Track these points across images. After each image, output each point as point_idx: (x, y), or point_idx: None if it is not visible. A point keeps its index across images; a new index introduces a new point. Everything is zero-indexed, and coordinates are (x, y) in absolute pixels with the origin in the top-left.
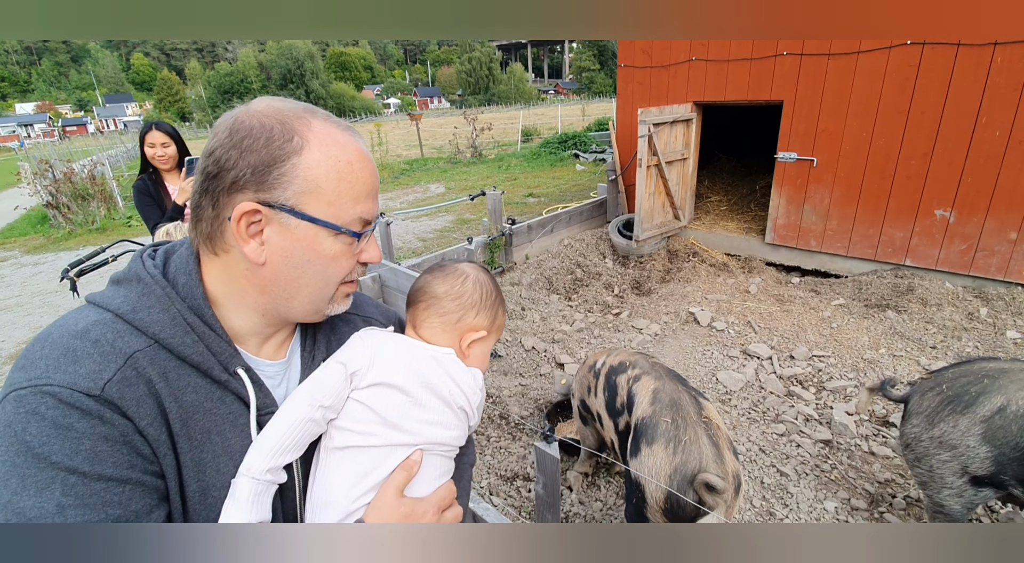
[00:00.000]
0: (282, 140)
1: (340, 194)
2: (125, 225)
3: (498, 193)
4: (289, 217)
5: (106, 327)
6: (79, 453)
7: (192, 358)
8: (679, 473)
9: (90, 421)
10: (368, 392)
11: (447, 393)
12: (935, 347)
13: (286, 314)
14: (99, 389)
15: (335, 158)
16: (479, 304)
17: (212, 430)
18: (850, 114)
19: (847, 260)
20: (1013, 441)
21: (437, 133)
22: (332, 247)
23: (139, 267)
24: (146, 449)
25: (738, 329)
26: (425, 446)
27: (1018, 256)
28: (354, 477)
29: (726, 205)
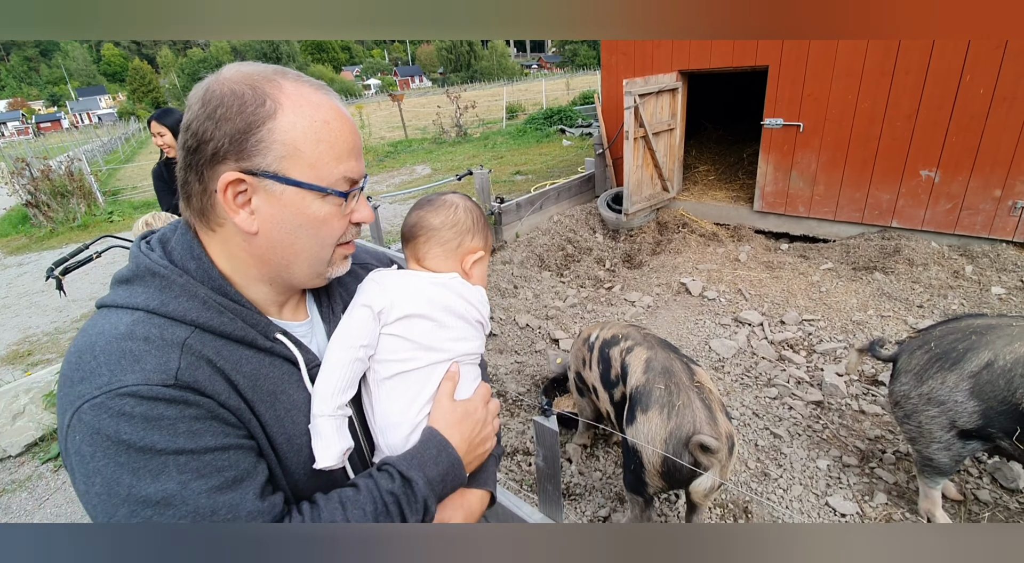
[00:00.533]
0: (255, 105)
1: (320, 155)
2: (107, 220)
3: (485, 172)
4: (273, 183)
5: (147, 324)
6: (179, 436)
7: (235, 334)
8: (674, 437)
9: (177, 407)
10: (398, 325)
11: (464, 311)
12: (922, 306)
13: (289, 280)
14: (173, 378)
15: (310, 118)
16: (473, 228)
17: (276, 391)
18: (835, 77)
19: (835, 224)
20: (1000, 395)
21: (420, 113)
22: (321, 209)
23: (147, 261)
24: (232, 418)
25: (729, 297)
26: (458, 358)
27: (1002, 213)
28: (409, 397)
29: (714, 175)
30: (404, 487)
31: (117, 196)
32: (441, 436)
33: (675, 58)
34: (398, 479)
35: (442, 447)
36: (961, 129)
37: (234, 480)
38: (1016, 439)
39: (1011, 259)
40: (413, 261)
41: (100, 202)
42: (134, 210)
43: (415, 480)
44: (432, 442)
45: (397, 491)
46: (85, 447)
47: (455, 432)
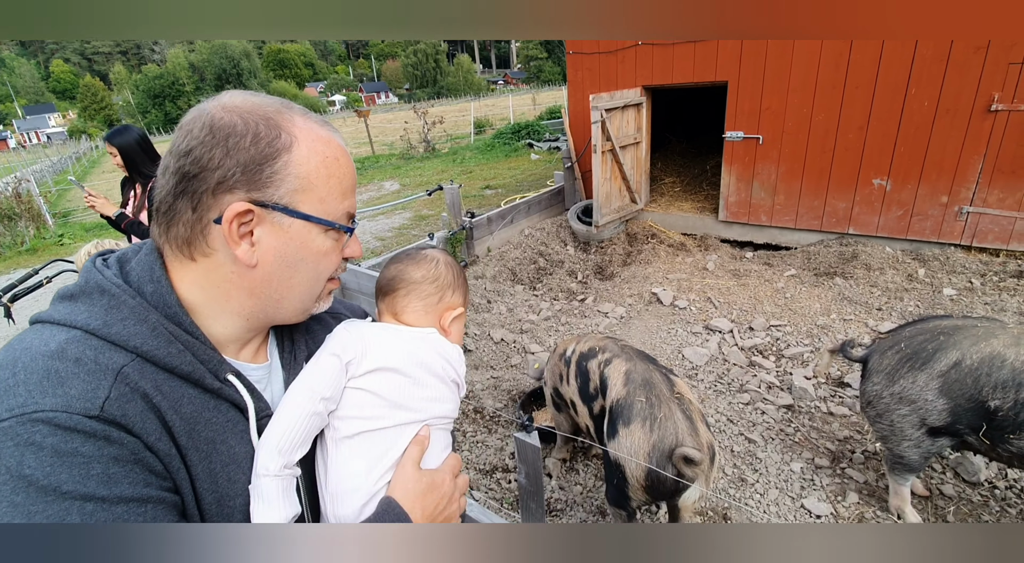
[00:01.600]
0: (270, 137)
1: (330, 190)
2: (57, 244)
3: (455, 187)
4: (282, 216)
5: (82, 344)
6: (91, 478)
7: (181, 368)
8: (657, 450)
9: (96, 443)
10: (368, 379)
11: (440, 369)
12: (881, 309)
13: (274, 316)
14: (98, 409)
15: (322, 155)
16: (454, 283)
17: (216, 440)
18: (791, 92)
19: (795, 232)
20: (968, 393)
21: (387, 129)
22: (324, 244)
23: (98, 277)
24: (158, 465)
25: (699, 306)
26: (430, 421)
27: (950, 218)
28: (372, 460)
29: (680, 186)
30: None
31: (68, 218)
32: (400, 508)
33: (639, 74)
34: None
35: (399, 522)
36: (909, 139)
37: None
38: (983, 435)
39: (960, 262)
40: (389, 315)
41: (50, 224)
42: (86, 232)
43: None
44: (389, 515)
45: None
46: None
47: (417, 506)
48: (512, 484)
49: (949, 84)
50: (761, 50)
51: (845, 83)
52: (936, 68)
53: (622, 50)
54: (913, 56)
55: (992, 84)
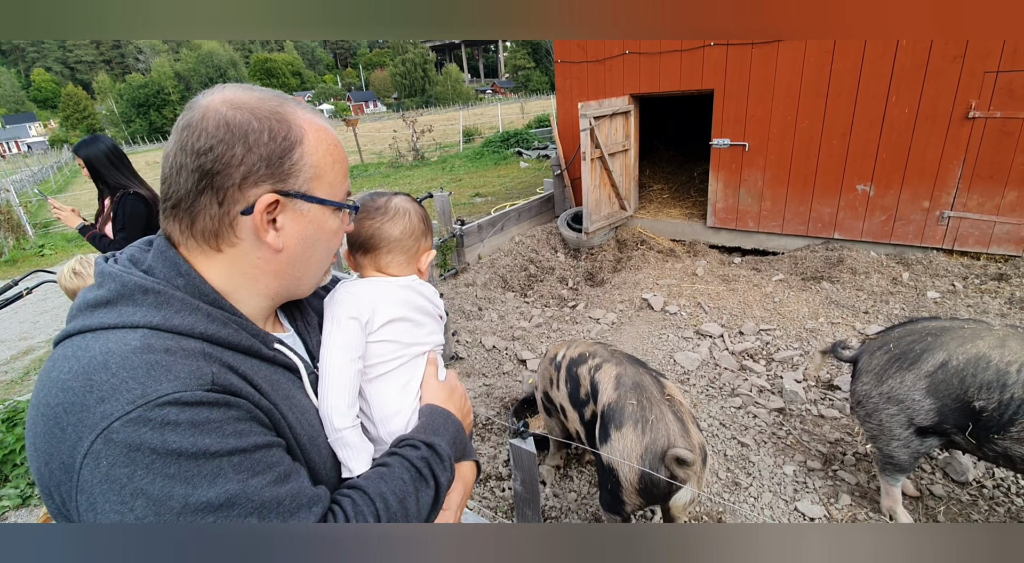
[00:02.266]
0: (284, 132)
1: (336, 174)
2: (37, 254)
3: (445, 194)
4: (302, 202)
5: (159, 337)
6: (228, 437)
7: (241, 344)
8: (650, 452)
9: (221, 410)
10: (384, 331)
11: (431, 309)
12: (867, 312)
13: (294, 292)
14: (209, 383)
15: (327, 143)
16: (425, 230)
17: (290, 395)
18: (775, 99)
19: (782, 237)
20: (954, 393)
21: (375, 138)
22: (334, 223)
23: (134, 279)
24: (266, 419)
25: (690, 311)
26: (433, 347)
27: (931, 223)
28: (403, 386)
29: (668, 193)
30: (430, 452)
31: (48, 228)
32: (442, 407)
33: (627, 82)
34: (423, 447)
35: (446, 416)
36: (890, 146)
37: (286, 474)
38: (969, 435)
39: (942, 265)
40: (372, 269)
41: (30, 235)
42: (67, 242)
43: (437, 444)
44: (437, 413)
45: (427, 456)
46: (119, 470)
47: (449, 404)
48: (506, 492)
49: (928, 92)
50: (746, 59)
51: (828, 91)
52: (915, 76)
53: (610, 59)
54: (893, 64)
55: (969, 92)
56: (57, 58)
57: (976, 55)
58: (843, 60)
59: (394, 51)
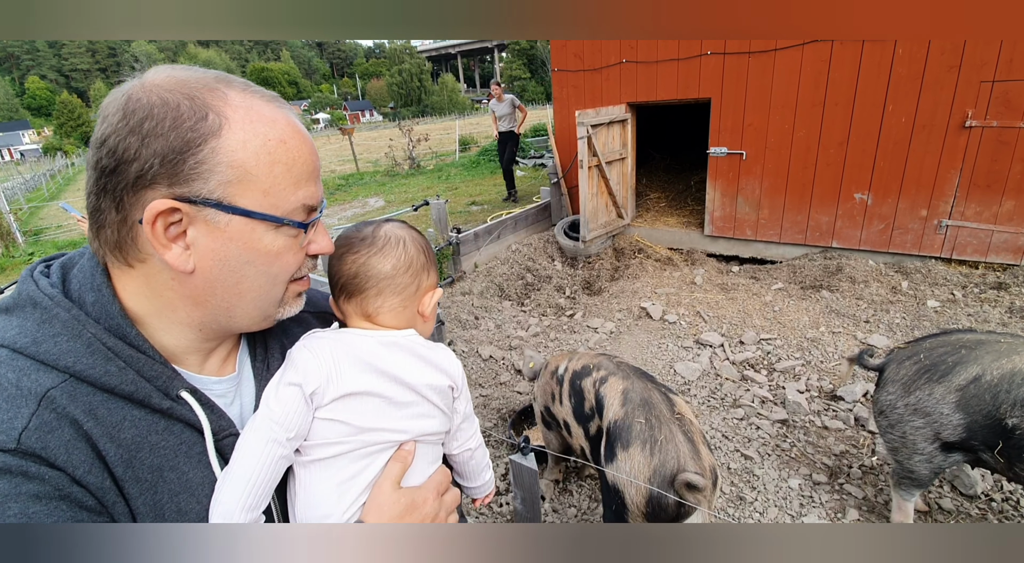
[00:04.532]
0: (194, 119)
1: (276, 179)
2: (27, 262)
3: (442, 202)
4: (217, 213)
5: (4, 365)
6: (7, 519)
7: (121, 388)
8: (658, 475)
9: (11, 480)
10: (336, 407)
11: (421, 382)
12: (868, 321)
13: (228, 325)
14: (14, 441)
15: (263, 137)
16: (427, 262)
17: (164, 467)
18: (772, 108)
19: (780, 246)
20: (986, 409)
21: (372, 147)
22: (275, 242)
23: (31, 288)
24: (89, 500)
25: (689, 320)
26: (416, 438)
27: (929, 231)
28: (341, 482)
29: (665, 202)
30: None
31: (40, 236)
32: None
33: (623, 91)
34: None
35: None
36: (888, 155)
37: None
38: (998, 453)
39: (941, 274)
40: (359, 318)
41: (20, 242)
42: (58, 250)
43: None
44: None
45: None
46: None
47: None
48: (503, 508)
49: (925, 101)
50: (743, 67)
51: (825, 100)
52: (912, 86)
53: (606, 67)
54: (890, 74)
55: (966, 101)
56: (52, 66)
57: (972, 65)
58: (840, 69)
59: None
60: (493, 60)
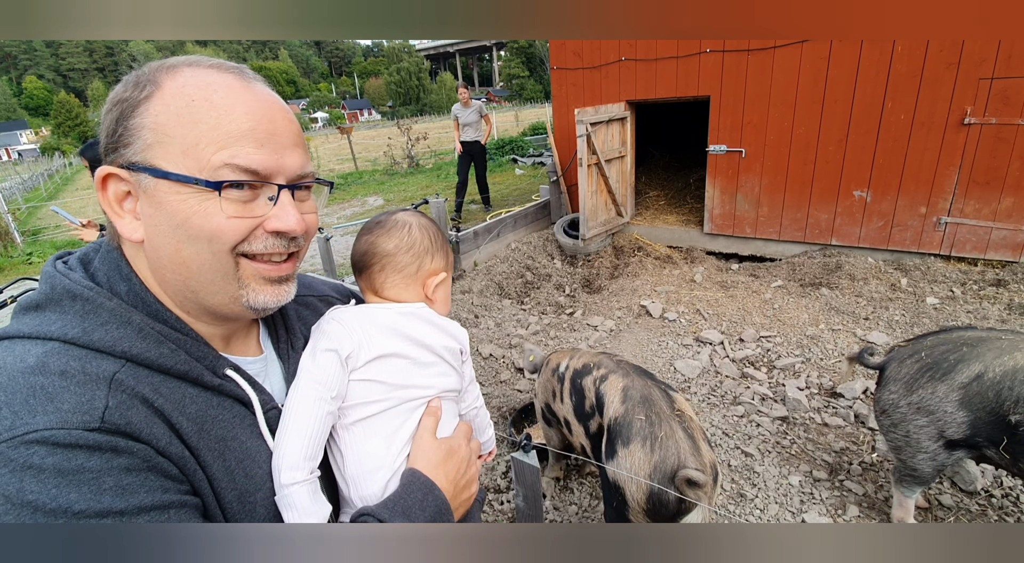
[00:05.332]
0: (134, 90)
1: (198, 137)
2: (25, 262)
3: (441, 201)
4: (146, 178)
5: (63, 355)
6: (104, 492)
7: (177, 368)
8: (659, 471)
9: (103, 456)
10: (370, 368)
11: (441, 344)
12: (868, 318)
13: (202, 304)
14: (98, 420)
15: (188, 97)
16: (431, 247)
17: (227, 437)
18: (771, 106)
19: (780, 244)
20: (989, 406)
21: (370, 145)
22: (200, 206)
23: (66, 282)
24: (173, 469)
25: (689, 318)
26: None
27: (928, 229)
28: (387, 436)
29: (664, 199)
30: None
31: (38, 236)
32: (425, 477)
33: (623, 89)
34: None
35: (428, 490)
36: (887, 152)
37: None
38: (1003, 449)
39: (940, 271)
40: (370, 293)
41: (18, 243)
42: (56, 250)
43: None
44: (416, 485)
45: None
46: None
47: (440, 473)
48: (504, 505)
49: (924, 99)
50: (742, 65)
51: (824, 98)
52: (911, 83)
53: (606, 65)
54: (888, 71)
55: (964, 98)
56: (50, 66)
57: (971, 62)
58: (839, 67)
59: (389, 60)
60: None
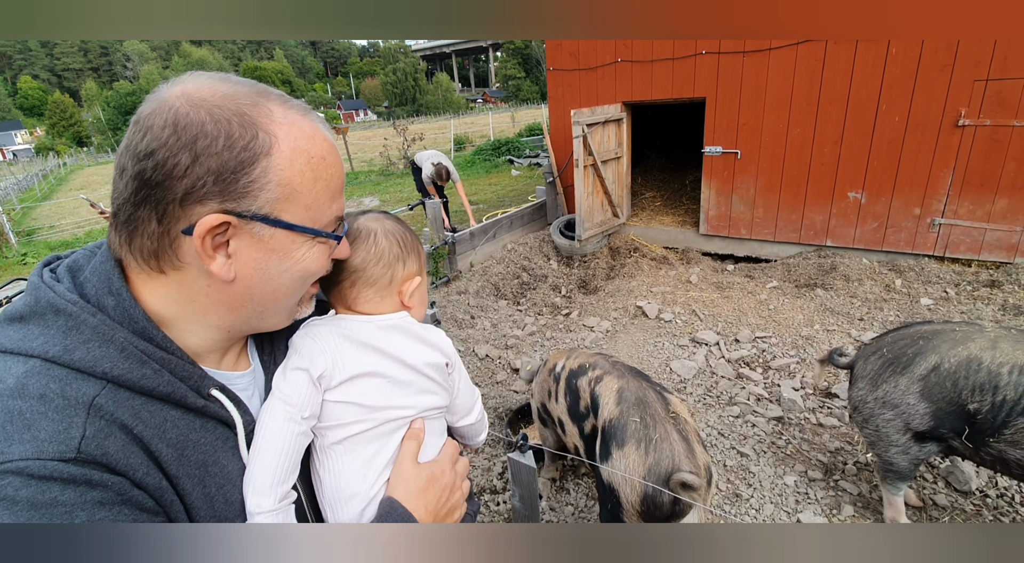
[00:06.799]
0: (247, 139)
1: (317, 195)
2: (20, 263)
3: (437, 201)
4: (263, 226)
5: (43, 376)
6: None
7: (159, 390)
8: (653, 473)
9: (77, 489)
10: (344, 390)
11: (421, 361)
12: (862, 319)
13: (257, 326)
14: (74, 450)
15: (307, 154)
16: (401, 253)
17: (207, 461)
18: (767, 108)
19: (775, 245)
20: (948, 396)
21: (366, 146)
22: (310, 252)
23: (48, 295)
24: (149, 502)
25: (684, 318)
26: (422, 414)
27: (923, 230)
28: (364, 462)
29: (660, 201)
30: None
31: (32, 236)
32: (403, 508)
33: (619, 90)
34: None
35: (404, 521)
36: (881, 154)
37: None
38: (966, 438)
39: (934, 272)
40: (343, 308)
41: (12, 243)
42: (51, 251)
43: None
44: (393, 515)
45: None
46: None
47: (420, 503)
48: (500, 506)
49: (918, 100)
50: (737, 67)
51: (819, 99)
52: (905, 85)
53: (602, 67)
54: (883, 73)
55: (959, 100)
56: (44, 66)
57: (965, 64)
58: (834, 68)
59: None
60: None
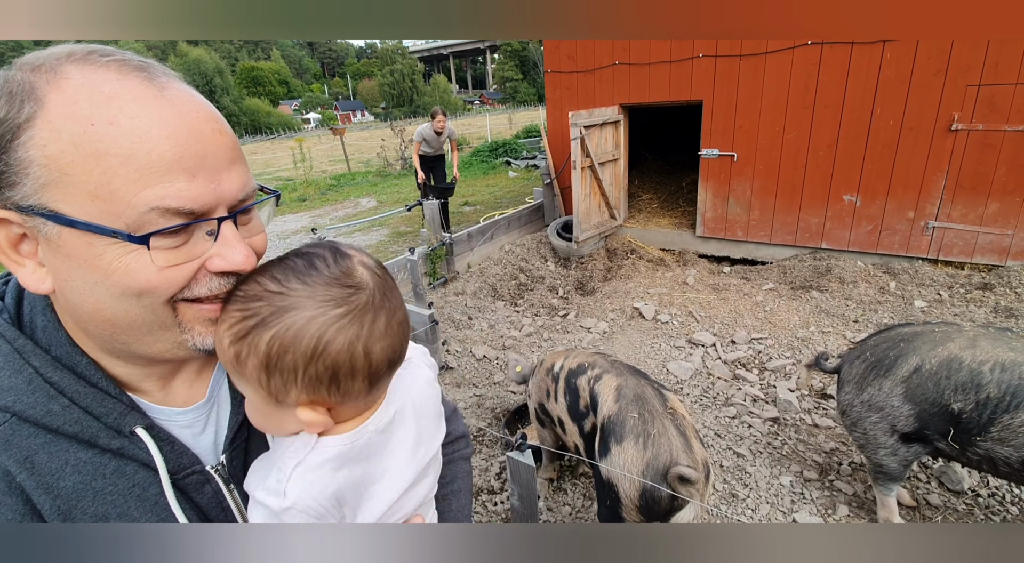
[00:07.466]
0: (13, 109)
1: (108, 176)
2: None
3: (434, 202)
4: (47, 223)
5: None
6: None
7: (65, 429)
8: (651, 468)
9: None
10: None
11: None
12: (857, 321)
13: (139, 353)
14: None
15: (85, 121)
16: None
17: (109, 514)
18: (763, 111)
19: (771, 247)
20: (931, 397)
21: (363, 147)
22: (122, 262)
23: None
24: None
25: (681, 320)
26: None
27: (916, 233)
28: None
29: (657, 203)
30: None
31: None
32: None
33: (616, 92)
34: None
35: None
36: (876, 157)
37: None
38: (952, 439)
39: (928, 275)
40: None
41: None
42: None
43: None
44: None
45: None
46: None
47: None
48: (498, 506)
49: (912, 105)
50: (734, 70)
51: (815, 103)
52: (899, 89)
53: (599, 69)
54: (878, 78)
55: (952, 105)
56: None
57: (958, 69)
58: (829, 72)
59: (382, 61)
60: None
